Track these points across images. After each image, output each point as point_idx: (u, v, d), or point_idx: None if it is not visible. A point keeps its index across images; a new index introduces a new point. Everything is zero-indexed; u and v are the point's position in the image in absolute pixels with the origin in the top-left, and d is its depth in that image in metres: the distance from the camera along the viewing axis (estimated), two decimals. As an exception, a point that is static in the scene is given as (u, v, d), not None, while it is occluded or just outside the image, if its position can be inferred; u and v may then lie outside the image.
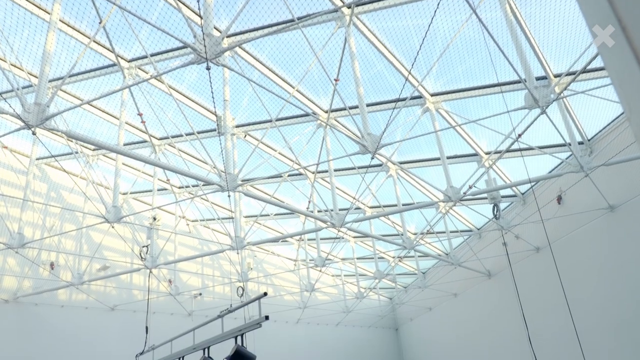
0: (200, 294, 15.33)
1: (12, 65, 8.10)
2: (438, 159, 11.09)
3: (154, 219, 12.38)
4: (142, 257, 11.20)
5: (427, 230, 13.03)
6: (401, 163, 11.81)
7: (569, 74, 7.33)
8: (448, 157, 10.04)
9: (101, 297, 13.02)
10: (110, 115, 10.85)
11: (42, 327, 11.76)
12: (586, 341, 9.68)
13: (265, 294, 6.00)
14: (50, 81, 7.96)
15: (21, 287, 11.65)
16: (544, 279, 11.65)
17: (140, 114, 8.17)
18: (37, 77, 6.50)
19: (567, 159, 9.75)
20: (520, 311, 10.08)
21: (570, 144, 8.51)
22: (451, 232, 13.87)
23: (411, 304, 19.06)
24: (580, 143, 9.73)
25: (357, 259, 17.20)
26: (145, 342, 10.06)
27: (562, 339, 11.04)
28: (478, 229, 14.45)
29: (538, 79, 7.71)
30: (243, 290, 14.67)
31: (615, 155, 8.72)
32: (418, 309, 19.26)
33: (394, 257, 16.62)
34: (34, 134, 5.84)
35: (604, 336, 9.89)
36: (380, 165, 11.74)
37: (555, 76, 8.26)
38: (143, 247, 11.38)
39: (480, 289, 14.90)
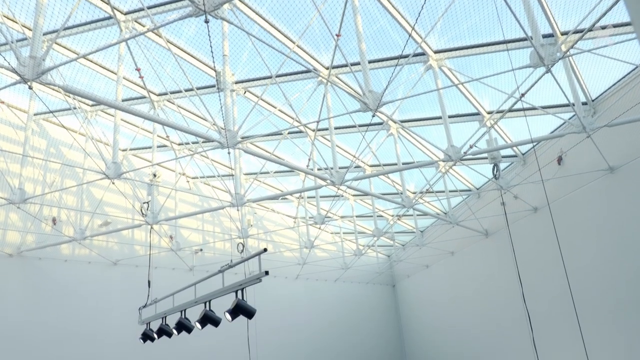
0: (201, 250, 15.56)
1: (5, 17, 7.89)
2: (439, 117, 10.99)
3: (154, 175, 12.41)
4: (142, 214, 11.29)
5: (427, 190, 13.09)
6: (402, 122, 11.72)
7: (576, 31, 7.14)
8: (450, 117, 9.94)
9: (103, 252, 13.22)
10: (108, 70, 10.66)
11: (46, 280, 12.01)
12: (581, 301, 9.89)
13: (265, 249, 6.07)
14: (45, 34, 7.76)
15: (25, 242, 11.81)
16: (541, 239, 11.78)
17: (138, 69, 8.03)
18: (31, 30, 6.33)
19: (569, 119, 9.67)
20: (516, 270, 10.25)
21: (573, 104, 8.40)
22: (450, 191, 13.93)
23: (408, 261, 19.38)
24: (584, 104, 9.60)
25: (356, 217, 17.35)
26: (148, 296, 10.29)
27: (557, 299, 11.27)
28: (477, 189, 14.50)
29: (545, 36, 7.51)
30: (243, 246, 14.89)
31: (619, 117, 8.63)
32: (415, 266, 19.59)
33: (392, 216, 16.76)
34: (30, 88, 5.76)
35: (599, 297, 10.06)
36: (381, 123, 11.65)
37: (562, 34, 8.06)
38: (144, 203, 11.45)
39: (477, 248, 15.10)
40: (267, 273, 5.61)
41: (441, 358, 18.54)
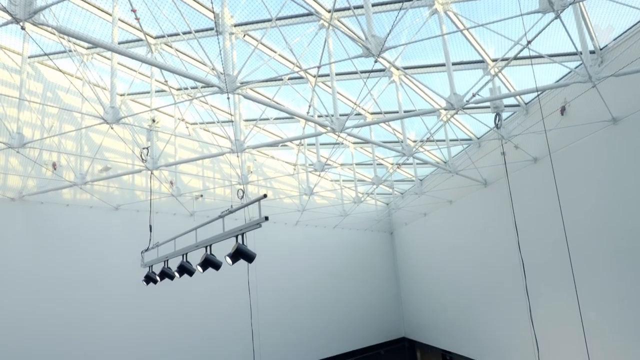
0: (202, 196, 15.70)
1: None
2: (443, 65, 10.78)
3: (153, 120, 12.31)
4: (142, 159, 11.29)
5: (427, 138, 13.02)
6: (405, 68, 11.49)
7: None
8: (453, 64, 9.74)
9: (105, 197, 13.33)
10: (103, 11, 10.32)
11: (48, 225, 12.18)
12: (576, 251, 10.09)
13: (265, 195, 6.12)
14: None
15: (26, 186, 11.87)
16: (540, 190, 11.86)
17: (134, 10, 7.78)
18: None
19: (576, 68, 9.47)
20: (513, 220, 10.40)
21: (581, 53, 8.21)
22: (451, 140, 13.88)
23: (407, 209, 19.60)
24: (592, 52, 9.37)
25: (356, 164, 17.38)
26: (150, 240, 10.47)
27: (552, 249, 11.47)
28: (478, 138, 14.44)
29: (555, -21, 7.22)
30: (243, 192, 15.00)
31: (626, 66, 8.46)
32: (413, 214, 19.84)
33: (392, 164, 16.78)
34: (23, 28, 5.59)
35: (595, 247, 10.19)
36: (383, 70, 11.43)
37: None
38: (143, 149, 11.41)
39: (476, 197, 15.23)
40: (266, 219, 5.68)
41: (436, 304, 19.15)
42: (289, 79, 11.99)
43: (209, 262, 7.60)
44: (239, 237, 6.55)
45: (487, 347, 15.27)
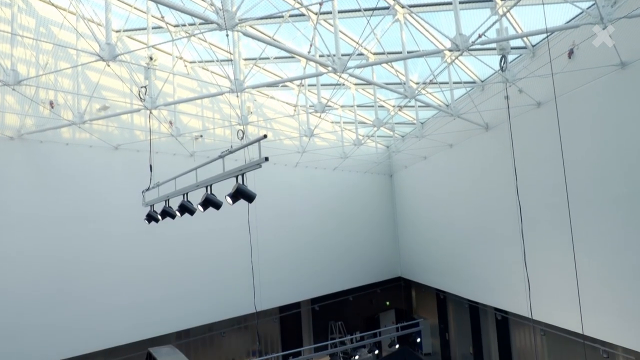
0: (201, 136, 15.62)
1: None
2: (450, 3, 10.39)
3: (151, 58, 12.02)
4: (141, 98, 11.13)
5: (430, 80, 12.79)
6: (410, 6, 11.08)
7: None
8: (460, 2, 9.38)
9: (104, 136, 13.26)
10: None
11: (48, 164, 12.18)
12: (574, 196, 10.14)
13: (265, 136, 6.08)
14: None
15: (24, 125, 11.78)
16: (541, 135, 11.78)
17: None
18: None
19: (587, 9, 9.13)
20: (512, 164, 10.40)
21: (594, -8, 7.88)
22: (454, 83, 13.63)
23: (407, 152, 19.59)
24: (605, -9, 8.99)
25: (357, 106, 17.18)
26: (150, 180, 10.52)
27: (550, 194, 11.54)
28: (482, 81, 14.18)
29: None
30: (243, 133, 14.92)
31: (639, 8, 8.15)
32: (413, 157, 19.85)
33: (393, 106, 16.59)
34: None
35: (593, 192, 10.24)
36: (387, 8, 11.03)
37: None
38: (141, 87, 11.23)
39: (477, 141, 15.16)
40: (267, 159, 5.67)
41: (432, 246, 19.56)
42: (289, 16, 11.60)
43: (210, 202, 7.67)
44: (239, 178, 6.57)
45: (480, 288, 15.76)
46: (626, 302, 9.55)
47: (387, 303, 24.73)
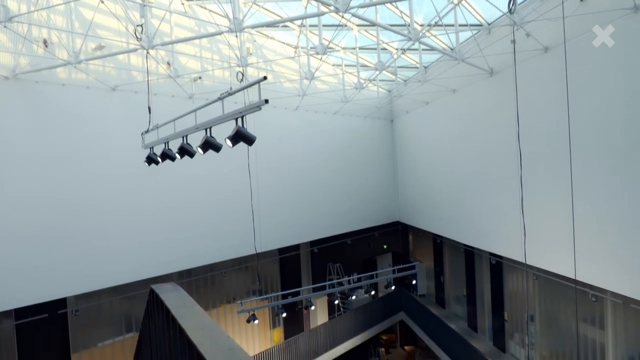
0: (200, 78, 15.33)
1: None
2: (459, -62, 9.89)
3: (146, -5, 11.58)
4: (137, 37, 10.81)
5: (435, 22, 12.39)
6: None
7: None
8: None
9: (101, 77, 13.00)
10: None
11: (44, 105, 12.00)
12: (577, 146, 10.07)
13: (265, 77, 5.94)
14: None
15: (19, 64, 11.51)
16: (546, 81, 11.54)
17: None
18: None
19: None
20: (515, 111, 10.26)
21: None
22: (460, 25, 13.21)
23: (409, 97, 19.31)
24: None
25: (359, 48, 16.76)
26: (149, 121, 10.42)
27: (552, 142, 11.45)
28: (488, 24, 13.73)
29: None
30: (243, 75, 14.62)
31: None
32: (415, 102, 19.60)
33: (397, 49, 16.18)
34: None
35: (595, 143, 10.12)
36: (393, -57, 10.51)
37: None
38: (137, 26, 10.88)
39: (480, 86, 14.90)
40: (266, 101, 5.57)
41: (431, 191, 19.72)
42: (290, -49, 11.07)
43: (209, 144, 7.62)
44: (239, 120, 6.49)
45: (477, 233, 16.03)
46: (618, 249, 9.73)
47: (385, 246, 25.26)
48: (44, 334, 12.91)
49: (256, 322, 14.00)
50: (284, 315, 16.21)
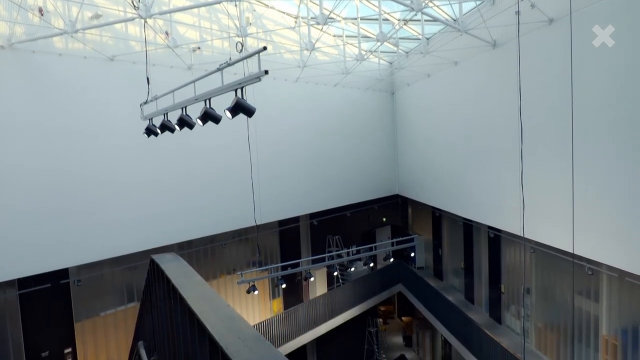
0: (199, 48, 15.12)
1: None
2: None
3: (143, -38, 11.31)
4: (134, 6, 10.61)
5: (439, -8, 12.15)
6: None
7: None
8: None
9: (98, 47, 12.81)
10: None
11: (42, 75, 11.86)
12: (579, 121, 9.99)
13: (265, 48, 5.85)
14: None
15: (14, 33, 11.32)
16: (551, 55, 11.37)
17: None
18: None
19: None
20: (517, 84, 10.12)
21: None
22: (464, -5, 12.97)
23: (410, 69, 19.09)
24: None
25: (361, 19, 16.48)
26: (148, 92, 10.32)
27: (554, 116, 11.34)
28: (493, -6, 13.47)
29: None
30: (242, 45, 14.41)
31: None
32: (416, 74, 19.39)
33: (399, 20, 15.91)
34: None
35: (598, 117, 10.01)
36: None
37: None
38: (134, -6, 10.66)
39: (482, 59, 14.69)
40: (266, 72, 5.50)
41: (431, 165, 19.71)
42: None
43: (209, 116, 7.56)
44: (239, 91, 6.43)
45: (476, 207, 16.09)
46: (616, 224, 9.78)
47: (384, 219, 25.41)
48: (48, 304, 13.12)
49: (256, 292, 14.17)
50: (284, 286, 16.42)
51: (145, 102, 10.26)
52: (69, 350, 13.57)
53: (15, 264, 11.40)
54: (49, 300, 13.14)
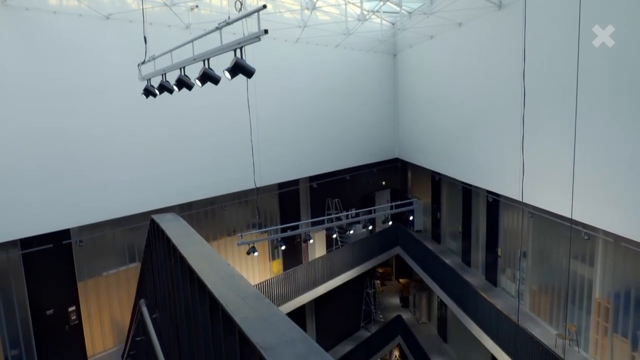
0: (197, 6, 14.75)
1: None
2: None
3: None
4: (130, -39, 10.27)
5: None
6: None
7: None
8: None
9: (93, 4, 12.47)
10: None
11: (36, 34, 11.57)
12: (583, 86, 9.82)
13: (265, 6, 5.70)
14: None
15: (6, -12, 11.02)
16: (557, 17, 11.09)
17: None
18: None
19: None
20: (522, 47, 9.93)
21: None
22: (470, -47, 12.57)
23: (413, 30, 18.71)
24: None
25: (363, -22, 16.03)
26: (145, 52, 10.13)
27: (558, 81, 11.17)
28: (500, -48, 13.05)
29: None
30: (241, 4, 14.05)
31: None
32: (419, 35, 19.02)
33: (402, -21, 15.48)
34: None
35: (602, 84, 9.83)
36: None
37: None
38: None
39: (487, 20, 14.36)
40: (266, 32, 5.38)
41: (431, 128, 19.59)
42: None
43: (208, 76, 7.46)
44: (238, 51, 6.31)
45: (476, 171, 16.09)
46: (614, 190, 9.79)
47: (383, 183, 25.49)
48: (50, 263, 13.30)
49: (256, 254, 14.36)
50: (283, 248, 16.62)
51: (143, 62, 10.09)
52: (72, 308, 13.86)
53: (16, 225, 11.47)
54: (52, 260, 13.32)
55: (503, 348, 12.85)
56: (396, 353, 24.62)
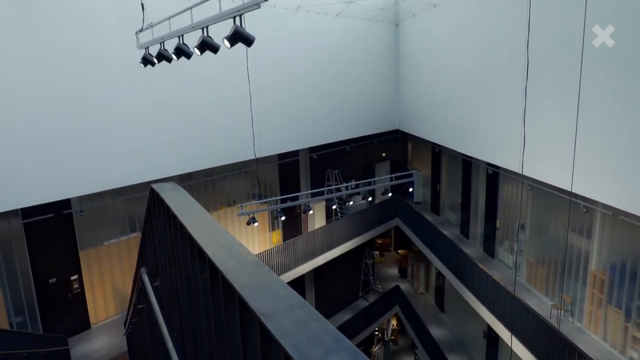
0: (195, -27, 14.41)
1: None
2: None
3: None
4: None
5: None
6: None
7: None
8: None
9: (90, -32, 12.19)
10: None
11: (31, 2, 11.32)
12: (588, 58, 9.66)
13: (264, -28, 5.58)
14: None
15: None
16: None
17: None
18: None
19: None
20: (527, 17, 9.74)
21: None
22: None
23: (416, -1, 18.35)
24: None
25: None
26: (143, 20, 9.97)
27: (562, 52, 10.98)
28: None
29: None
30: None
31: None
32: (422, 4, 18.65)
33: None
34: None
35: (607, 55, 9.63)
36: None
37: None
38: None
39: (492, -12, 14.07)
40: (266, -1, 5.28)
41: (433, 100, 19.42)
42: None
43: (206, 45, 7.35)
44: (237, 19, 6.20)
45: (476, 143, 16.02)
46: (614, 163, 9.76)
47: (383, 154, 25.44)
48: (52, 233, 13.42)
49: (256, 224, 14.43)
50: (283, 218, 16.71)
51: (141, 30, 9.94)
52: (75, 277, 14.05)
53: (16, 194, 11.47)
54: (53, 229, 13.42)
55: (499, 318, 13.08)
56: (394, 322, 25.08)
